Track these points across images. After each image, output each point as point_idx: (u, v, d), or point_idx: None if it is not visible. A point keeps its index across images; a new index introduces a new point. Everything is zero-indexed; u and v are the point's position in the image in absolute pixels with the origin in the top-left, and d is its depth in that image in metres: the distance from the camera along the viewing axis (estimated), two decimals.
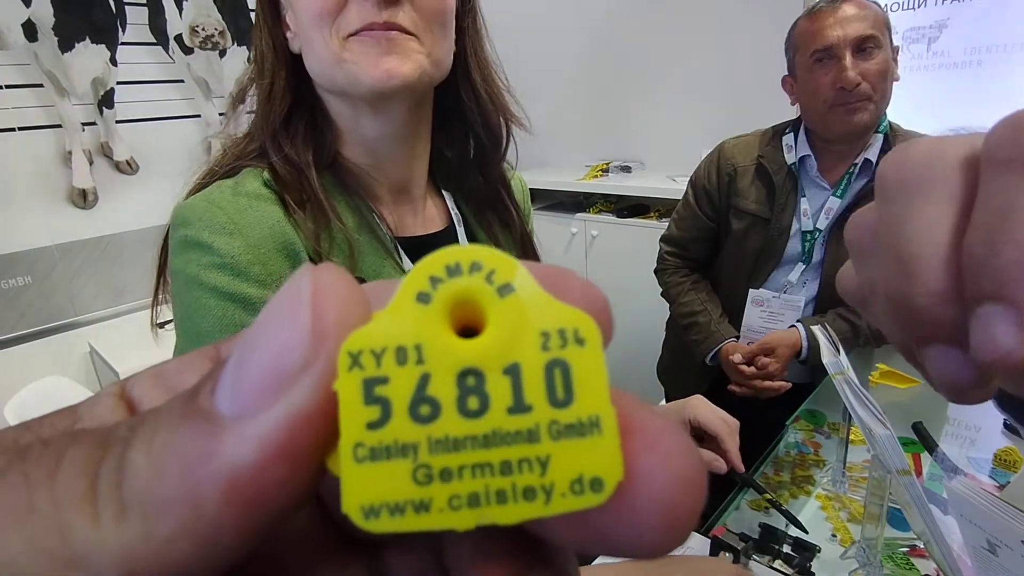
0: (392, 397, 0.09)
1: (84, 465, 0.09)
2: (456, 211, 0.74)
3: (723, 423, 0.83)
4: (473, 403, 0.09)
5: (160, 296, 0.63)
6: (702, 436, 0.85)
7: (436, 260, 0.09)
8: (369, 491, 0.09)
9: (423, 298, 0.09)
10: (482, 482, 0.09)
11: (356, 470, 0.09)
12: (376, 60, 0.56)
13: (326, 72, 0.59)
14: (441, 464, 0.09)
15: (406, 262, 0.66)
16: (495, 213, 0.77)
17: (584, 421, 0.09)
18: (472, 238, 0.75)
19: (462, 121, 0.71)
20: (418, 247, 0.68)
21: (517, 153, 0.75)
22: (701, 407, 0.84)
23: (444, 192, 0.75)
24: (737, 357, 1.25)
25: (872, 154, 1.20)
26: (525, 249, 0.79)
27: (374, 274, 0.62)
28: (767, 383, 1.25)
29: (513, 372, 0.09)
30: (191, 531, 0.09)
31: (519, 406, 0.09)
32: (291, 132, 0.63)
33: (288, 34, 0.63)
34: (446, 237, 0.73)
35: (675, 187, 2.05)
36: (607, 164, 2.56)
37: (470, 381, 0.09)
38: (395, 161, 0.67)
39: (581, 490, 0.09)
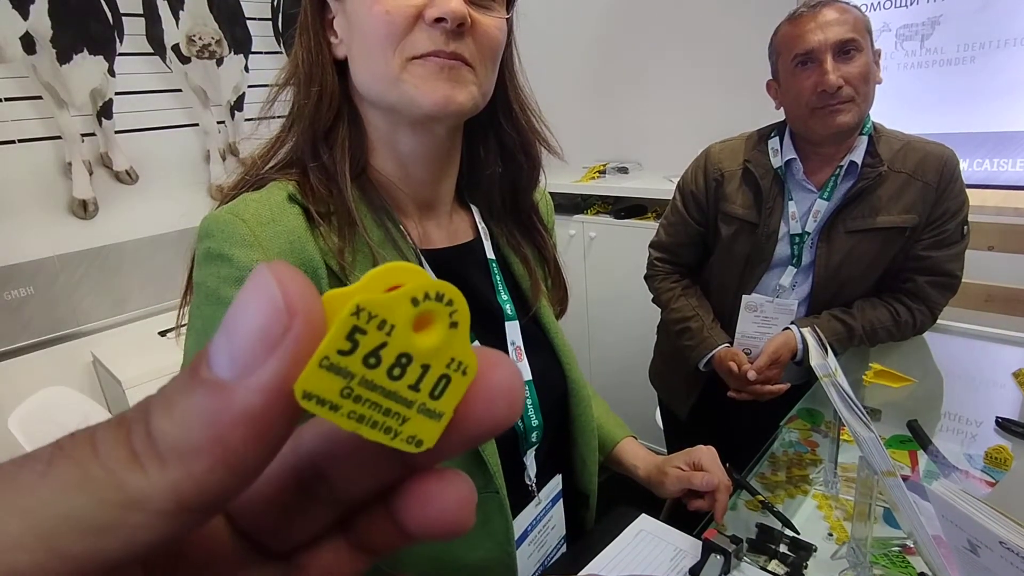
0: (361, 343, 0.13)
1: (116, 439, 0.12)
2: (483, 225, 0.75)
3: (724, 475, 0.85)
4: (396, 372, 0.14)
5: (187, 298, 0.63)
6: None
7: (430, 287, 0.14)
8: (313, 384, 0.13)
9: (414, 302, 0.14)
10: (370, 412, 0.14)
11: (314, 371, 0.13)
12: (436, 85, 0.58)
13: (379, 88, 0.60)
14: (358, 392, 0.14)
15: (430, 276, 0.66)
16: (527, 236, 0.78)
17: (436, 411, 0.15)
18: (498, 252, 0.76)
19: (497, 145, 0.72)
20: (444, 259, 0.69)
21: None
22: (707, 454, 0.87)
23: (471, 206, 0.76)
24: (752, 374, 1.24)
25: (857, 156, 1.20)
26: (555, 274, 0.81)
27: None
28: (767, 387, 1.25)
29: (424, 368, 0.14)
30: (223, 463, 0.12)
31: (415, 386, 0.14)
32: (331, 141, 0.63)
33: (333, 39, 0.63)
34: (472, 250, 0.73)
35: (672, 188, 2.06)
36: (604, 165, 2.56)
37: (403, 359, 0.14)
38: (425, 177, 0.68)
39: (410, 441, 0.15)
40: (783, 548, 0.83)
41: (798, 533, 0.84)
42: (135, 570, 0.13)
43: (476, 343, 0.67)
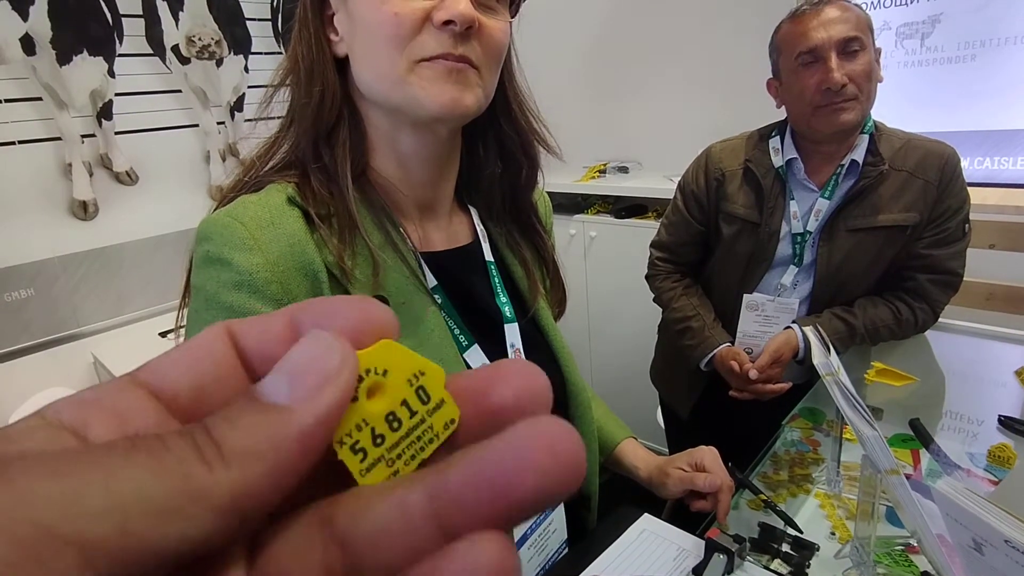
0: (362, 443, 0.16)
1: (183, 441, 0.14)
2: (481, 227, 0.75)
3: (726, 476, 0.85)
4: (396, 424, 0.17)
5: (185, 300, 0.62)
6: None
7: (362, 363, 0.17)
8: (376, 478, 0.16)
9: (354, 399, 0.16)
10: (411, 449, 0.17)
11: (368, 477, 0.16)
12: (443, 88, 0.57)
13: (383, 89, 0.60)
14: (394, 455, 0.17)
15: (430, 279, 0.66)
16: (526, 237, 0.78)
17: (438, 403, 0.17)
18: (497, 254, 0.76)
19: (497, 145, 0.72)
20: (443, 261, 0.69)
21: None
22: (709, 455, 0.87)
23: (470, 208, 0.76)
24: (754, 373, 1.23)
25: (858, 155, 1.20)
26: (554, 275, 0.81)
27: (397, 292, 0.62)
28: (769, 386, 1.25)
29: (403, 402, 0.17)
30: (275, 469, 0.14)
31: (413, 412, 0.17)
32: (332, 141, 0.63)
33: (334, 37, 0.62)
34: (471, 252, 0.73)
35: (672, 187, 2.06)
36: (604, 165, 2.56)
37: (389, 417, 0.17)
38: (425, 179, 0.68)
39: (447, 427, 0.17)
40: (786, 547, 0.83)
41: (801, 532, 0.84)
42: None
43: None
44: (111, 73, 1.86)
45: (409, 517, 0.14)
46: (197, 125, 2.11)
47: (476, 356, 0.67)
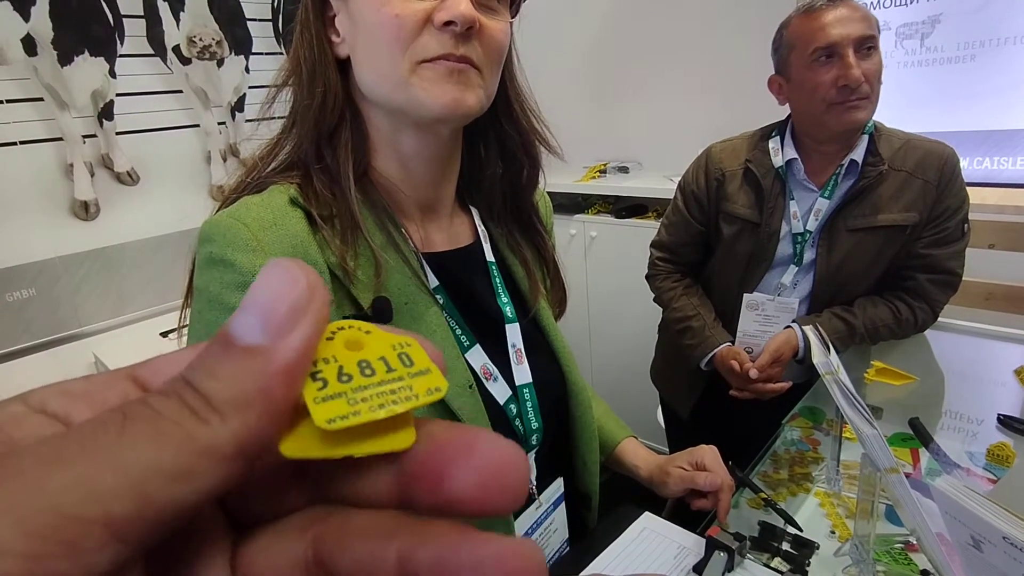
0: (325, 375, 0.16)
1: (171, 402, 0.14)
2: (483, 227, 0.75)
3: (727, 475, 0.85)
4: (368, 372, 0.16)
5: (188, 300, 0.63)
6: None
7: (332, 326, 0.17)
8: (327, 413, 0.15)
9: (329, 338, 0.17)
10: (380, 399, 0.16)
11: (318, 407, 0.15)
12: (445, 88, 0.58)
13: (385, 90, 0.60)
14: (358, 396, 0.16)
15: (432, 279, 0.66)
16: (526, 237, 0.79)
17: (422, 369, 0.17)
18: (498, 254, 0.76)
19: (498, 145, 0.72)
20: (445, 262, 0.69)
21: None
22: (709, 454, 0.87)
23: (472, 208, 0.76)
24: (754, 373, 1.24)
25: (858, 155, 1.20)
26: (555, 275, 0.82)
27: (399, 292, 0.62)
28: (769, 386, 1.25)
29: (382, 359, 0.17)
30: (268, 411, 0.14)
31: (391, 369, 0.17)
32: (335, 142, 0.63)
33: (335, 38, 0.63)
34: (472, 252, 0.73)
35: (672, 187, 2.06)
36: (605, 165, 2.57)
37: (362, 364, 0.16)
38: (427, 179, 0.68)
39: (431, 392, 0.17)
40: (786, 546, 0.83)
41: (801, 530, 0.84)
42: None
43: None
44: (112, 73, 1.86)
45: (382, 569, 0.14)
46: (198, 125, 2.11)
47: (477, 356, 0.68)
